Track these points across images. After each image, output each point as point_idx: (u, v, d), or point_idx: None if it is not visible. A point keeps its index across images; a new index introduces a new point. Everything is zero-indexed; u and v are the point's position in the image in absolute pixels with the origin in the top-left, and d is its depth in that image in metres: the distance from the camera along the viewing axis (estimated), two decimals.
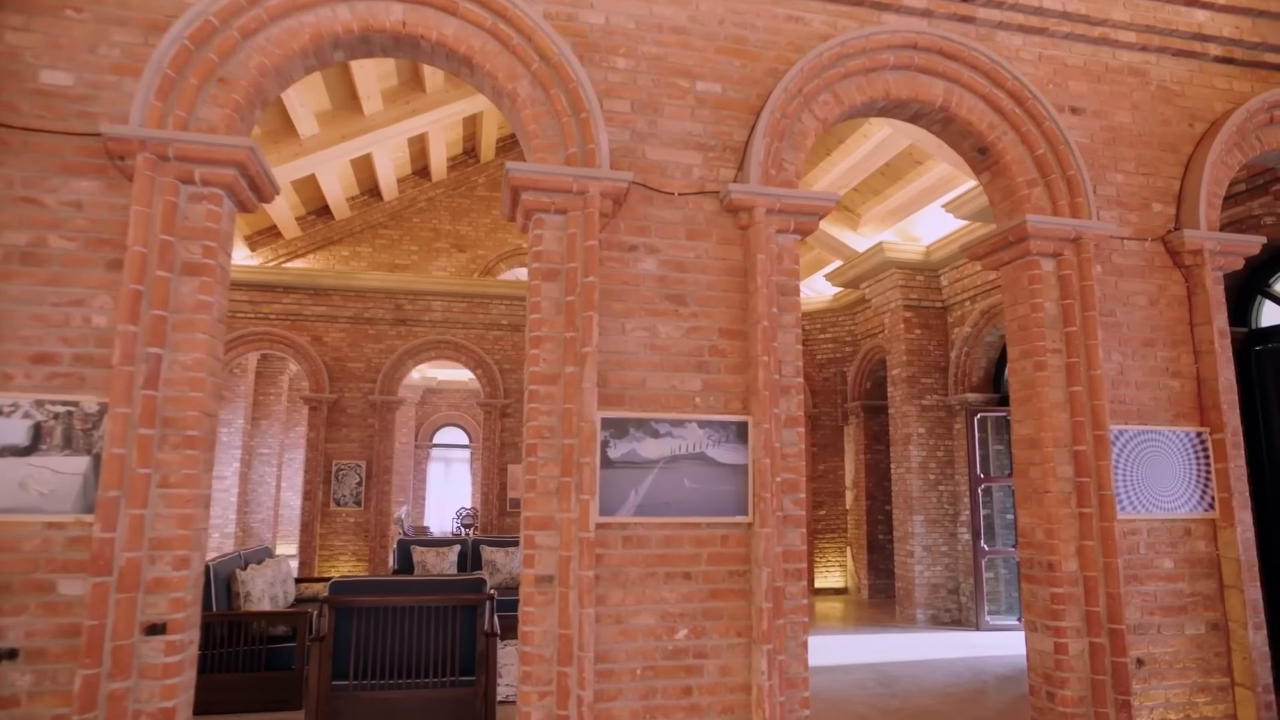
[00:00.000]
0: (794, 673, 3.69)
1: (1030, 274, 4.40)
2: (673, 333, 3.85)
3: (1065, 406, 4.29)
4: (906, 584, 10.29)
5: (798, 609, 3.74)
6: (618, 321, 3.80)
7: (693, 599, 3.67)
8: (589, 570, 3.49)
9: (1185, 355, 4.56)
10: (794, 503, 3.81)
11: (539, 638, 3.50)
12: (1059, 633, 4.09)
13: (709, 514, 3.71)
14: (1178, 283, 4.63)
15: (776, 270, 3.95)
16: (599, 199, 3.74)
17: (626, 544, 3.64)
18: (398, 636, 5.48)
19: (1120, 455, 4.29)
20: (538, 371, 3.68)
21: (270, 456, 17.35)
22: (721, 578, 3.72)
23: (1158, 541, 4.33)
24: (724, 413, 3.83)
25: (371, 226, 13.30)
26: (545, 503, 3.59)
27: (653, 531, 3.68)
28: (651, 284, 3.87)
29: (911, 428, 10.47)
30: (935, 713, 6.22)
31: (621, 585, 3.62)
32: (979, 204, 8.58)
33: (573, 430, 3.60)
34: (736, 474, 3.76)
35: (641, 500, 3.65)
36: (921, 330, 10.77)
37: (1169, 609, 4.29)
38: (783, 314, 3.94)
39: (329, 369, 12.35)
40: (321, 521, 12.26)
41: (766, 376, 3.77)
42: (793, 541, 3.78)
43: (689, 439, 3.73)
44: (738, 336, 3.91)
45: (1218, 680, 4.29)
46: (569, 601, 3.48)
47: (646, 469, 3.67)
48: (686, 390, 3.81)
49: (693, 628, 3.66)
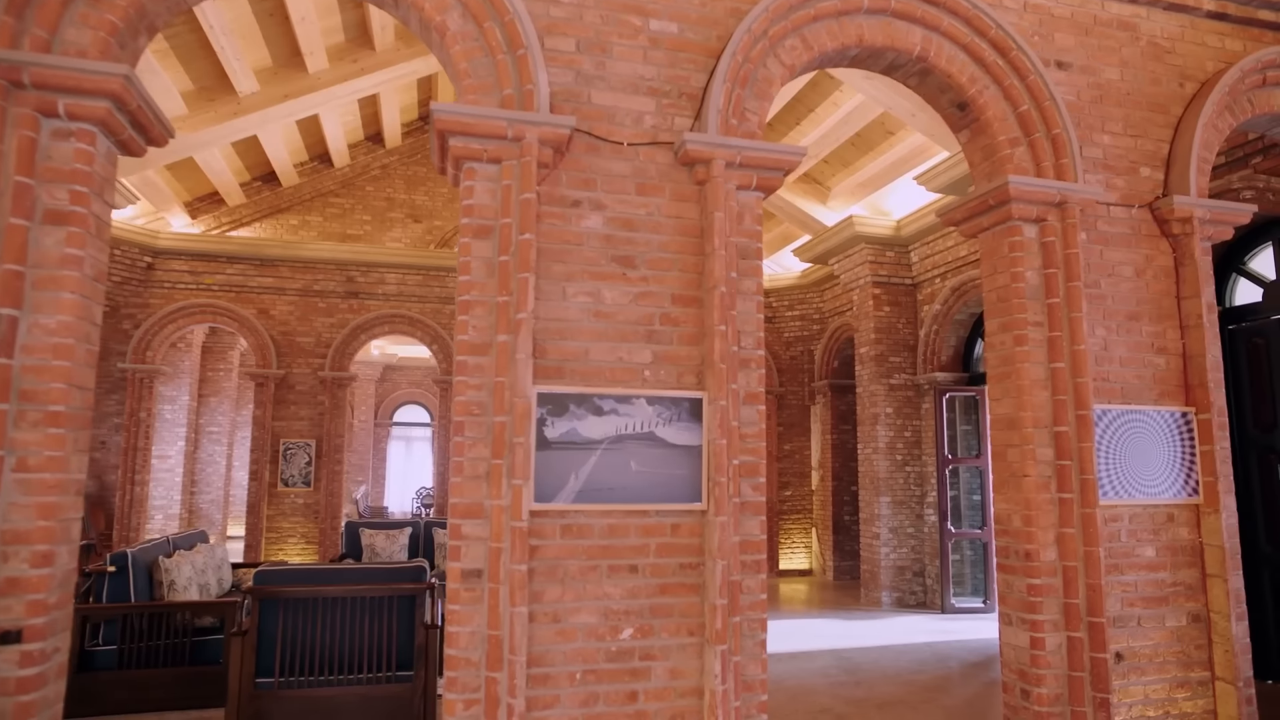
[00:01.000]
0: (751, 675, 3.35)
1: (1011, 241, 4.06)
2: (620, 298, 3.45)
3: (1046, 384, 3.97)
4: (872, 566, 10.08)
5: (755, 605, 3.39)
6: (558, 285, 3.39)
7: (639, 595, 3.31)
8: (522, 564, 3.10)
9: (1171, 330, 4.27)
10: (753, 488, 3.45)
11: (466, 639, 3.11)
12: (1036, 626, 3.80)
13: (658, 500, 3.34)
14: (1165, 253, 4.33)
15: (736, 230, 3.56)
16: (537, 146, 3.31)
17: (565, 534, 3.26)
18: (329, 629, 5.06)
19: (1103, 437, 3.99)
20: (466, 341, 3.26)
21: (220, 435, 16.69)
22: (672, 571, 3.35)
23: (1139, 528, 4.05)
24: (676, 388, 3.44)
25: (322, 195, 12.67)
26: (473, 488, 3.19)
27: (595, 520, 3.30)
28: (596, 244, 3.46)
29: (879, 407, 10.21)
30: (901, 703, 5.97)
31: (559, 580, 3.23)
32: (952, 176, 8.28)
33: (505, 407, 3.19)
34: (689, 456, 3.38)
35: (582, 485, 3.26)
36: (891, 308, 10.49)
37: (1150, 600, 4.02)
38: (743, 279, 3.56)
39: (276, 343, 11.77)
40: (269, 503, 11.75)
41: (724, 348, 3.39)
42: (751, 530, 3.43)
43: (637, 417, 3.35)
44: (693, 304, 3.52)
45: (1198, 674, 4.04)
46: (499, 599, 3.10)
47: (588, 450, 3.28)
48: (634, 363, 3.42)
49: (639, 626, 3.29)
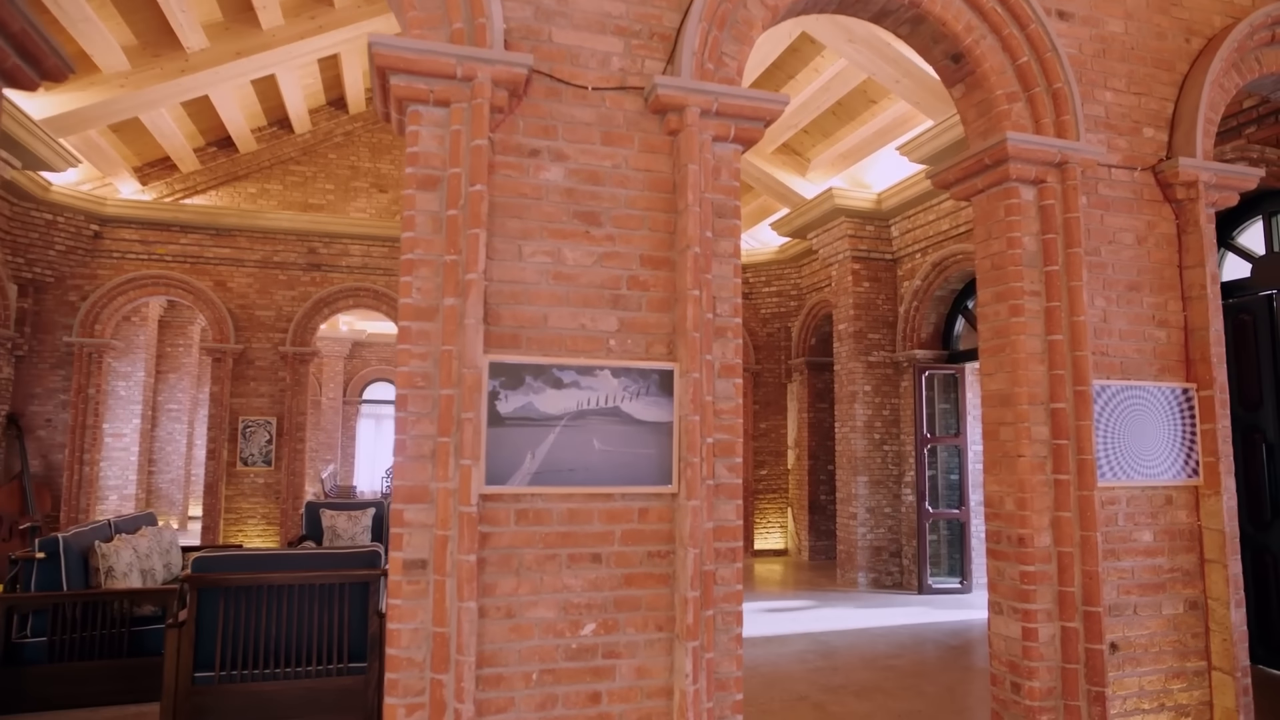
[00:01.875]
0: (725, 673, 3.07)
1: (1008, 204, 3.77)
2: (583, 259, 3.11)
3: (1043, 358, 3.70)
4: (848, 546, 9.90)
5: (730, 596, 3.10)
6: (513, 244, 3.04)
7: (603, 587, 3.00)
8: (471, 553, 2.78)
9: (1173, 302, 4.02)
10: (728, 469, 3.15)
11: (408, 637, 2.78)
12: (1028, 616, 3.55)
13: (624, 483, 3.03)
14: (1167, 219, 4.06)
15: (712, 186, 3.23)
16: (490, 88, 2.95)
17: (520, 520, 2.94)
18: (275, 619, 4.72)
19: (1101, 414, 3.74)
20: (410, 304, 2.91)
21: (180, 413, 16.14)
22: (639, 560, 3.05)
23: (1137, 512, 3.81)
24: (644, 358, 3.12)
25: (281, 162, 12.11)
26: (417, 469, 2.85)
27: (554, 504, 2.98)
28: (557, 198, 3.11)
29: (857, 385, 9.98)
30: (879, 689, 5.76)
31: (514, 571, 2.92)
32: (936, 146, 7.99)
33: (452, 378, 2.85)
34: (659, 434, 3.07)
35: (540, 466, 2.94)
36: (870, 283, 10.24)
37: (1146, 587, 3.79)
38: (719, 240, 3.23)
39: (234, 317, 11.28)
40: (228, 483, 11.31)
41: (697, 315, 3.06)
42: (726, 515, 3.13)
43: (600, 390, 3.02)
44: (663, 266, 3.19)
45: (1194, 664, 3.83)
46: (445, 592, 2.77)
47: (546, 427, 2.96)
48: (598, 330, 3.09)
49: (602, 621, 2.99)
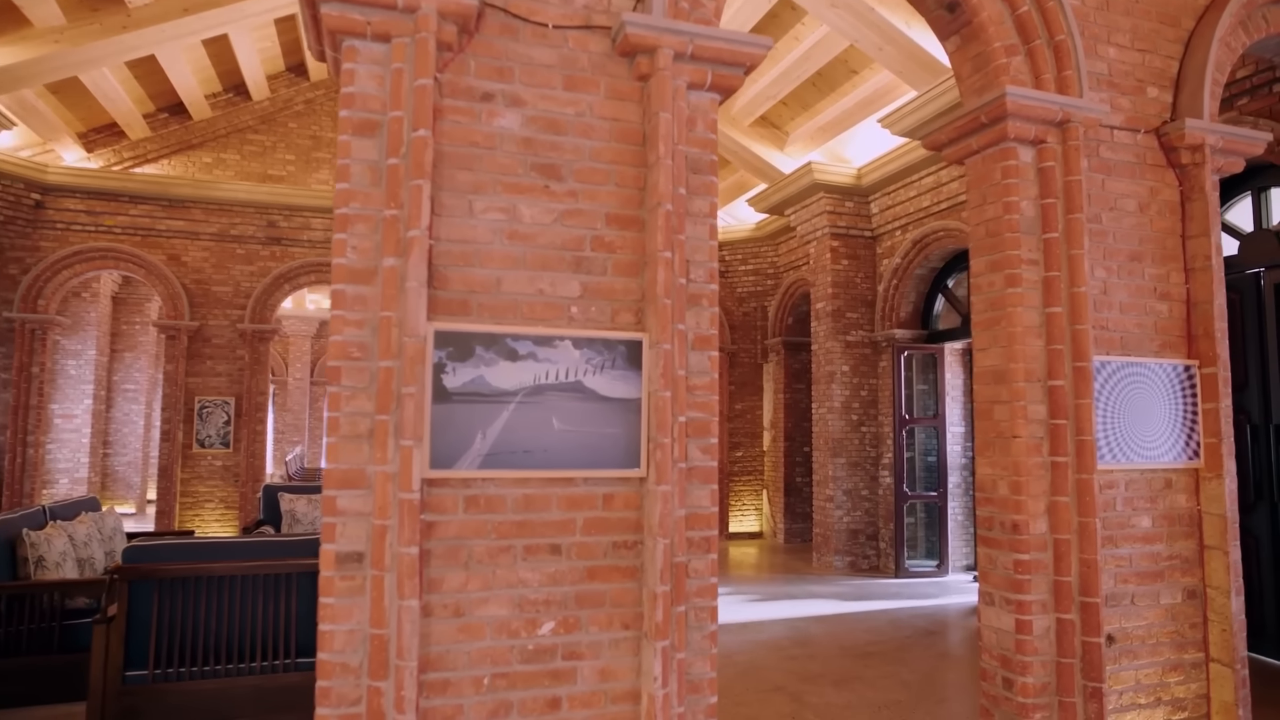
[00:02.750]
0: (698, 674, 2.79)
1: (1005, 165, 3.49)
2: (541, 217, 2.78)
3: (1041, 331, 3.45)
4: (825, 529, 9.71)
5: (704, 590, 2.82)
6: (463, 199, 2.70)
7: (563, 581, 2.70)
8: (413, 545, 2.46)
9: (1175, 274, 3.78)
10: (703, 450, 2.85)
11: (342, 640, 2.47)
12: (1022, 608, 3.32)
13: (587, 466, 2.72)
14: (1170, 186, 3.81)
15: (686, 137, 2.91)
16: (436, 21, 2.60)
17: (470, 507, 2.63)
18: (216, 612, 4.38)
19: (1100, 392, 3.50)
20: (345, 265, 2.57)
21: (137, 393, 15.57)
22: (603, 552, 2.75)
23: (1136, 496, 3.59)
24: (610, 328, 2.81)
25: (239, 130, 11.58)
26: (352, 450, 2.52)
27: (507, 490, 2.66)
28: (513, 148, 2.77)
29: (835, 365, 9.75)
30: (857, 678, 5.55)
31: (463, 564, 2.61)
32: (919, 118, 7.72)
33: (392, 348, 2.52)
34: (625, 412, 2.76)
35: (492, 447, 2.62)
36: (849, 261, 9.99)
37: (1144, 575, 3.58)
38: (693, 198, 2.92)
39: (189, 293, 10.78)
40: (183, 465, 10.85)
41: (669, 279, 2.75)
42: (700, 501, 2.84)
43: (560, 363, 2.71)
44: (632, 225, 2.87)
45: (1191, 656, 3.63)
46: (384, 589, 2.46)
47: (499, 404, 2.64)
48: (559, 296, 2.77)
49: (563, 619, 2.69)
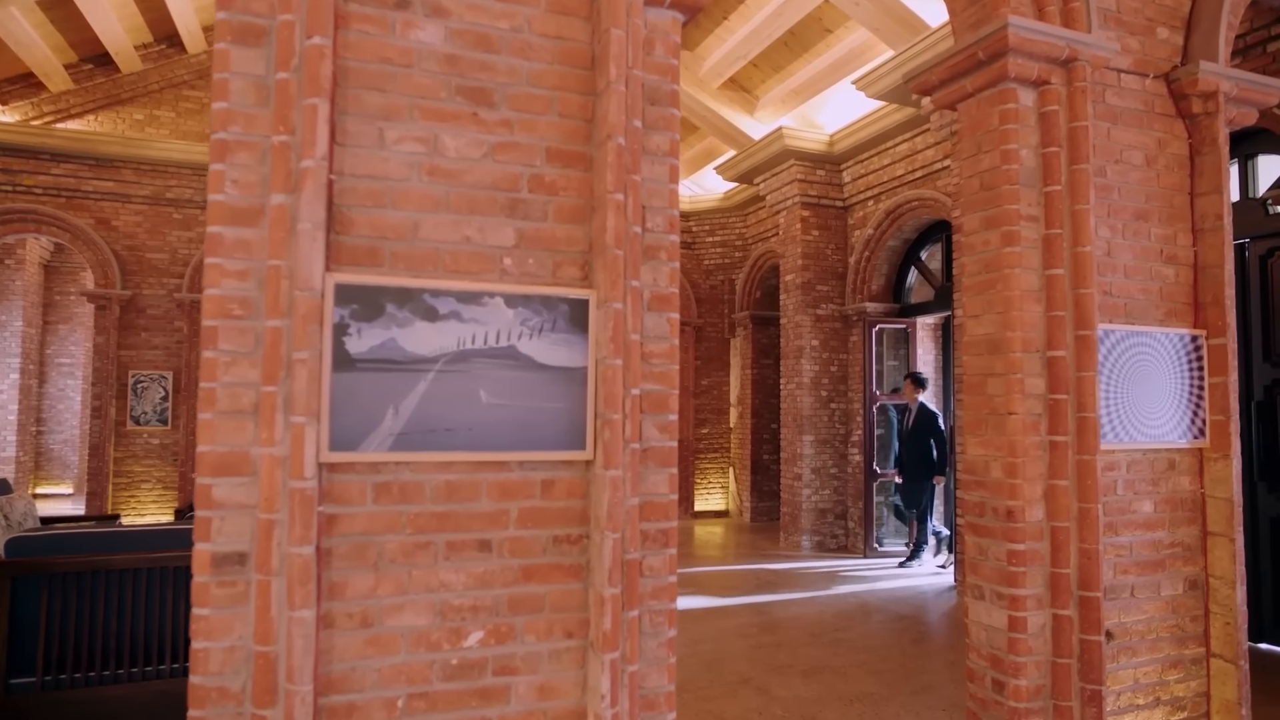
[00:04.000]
0: (653, 688, 2.40)
1: (1003, 109, 3.10)
2: (469, 150, 2.32)
3: (1040, 296, 3.08)
4: (793, 508, 9.42)
5: (661, 591, 2.42)
6: (372, 125, 2.24)
7: (493, 583, 2.28)
8: (307, 544, 2.02)
9: (1183, 235, 3.44)
10: (660, 428, 2.44)
11: (220, 660, 2.03)
12: (1016, 603, 2.98)
13: (522, 447, 2.29)
14: (1179, 138, 3.46)
15: (643, 61, 2.46)
16: None
17: (381, 497, 2.19)
18: (116, 611, 3.89)
19: (1102, 364, 3.15)
20: (224, 202, 2.09)
21: (73, 368, 14.75)
22: (542, 548, 2.33)
23: (1138, 479, 3.26)
24: (551, 283, 2.37)
25: (173, 85, 10.81)
26: (233, 429, 2.06)
27: (426, 476, 2.23)
28: (434, 67, 2.31)
29: (804, 340, 9.41)
30: (828, 668, 5.24)
31: (371, 565, 2.17)
32: (895, 79, 7.33)
33: (281, 305, 2.06)
34: (569, 383, 2.33)
35: (406, 424, 2.18)
36: (820, 231, 9.63)
37: (1145, 565, 3.26)
38: (651, 132, 2.48)
39: (121, 260, 10.07)
40: (116, 444, 10.20)
41: (620, 226, 2.32)
42: (657, 488, 2.43)
43: (490, 324, 2.27)
44: (578, 163, 2.43)
45: (1191, 651, 3.34)
46: (271, 598, 2.02)
47: (415, 373, 2.19)
48: (489, 245, 2.32)
49: (493, 628, 2.28)
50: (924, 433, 8.28)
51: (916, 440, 8.32)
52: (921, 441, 8.27)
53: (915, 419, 8.40)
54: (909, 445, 8.40)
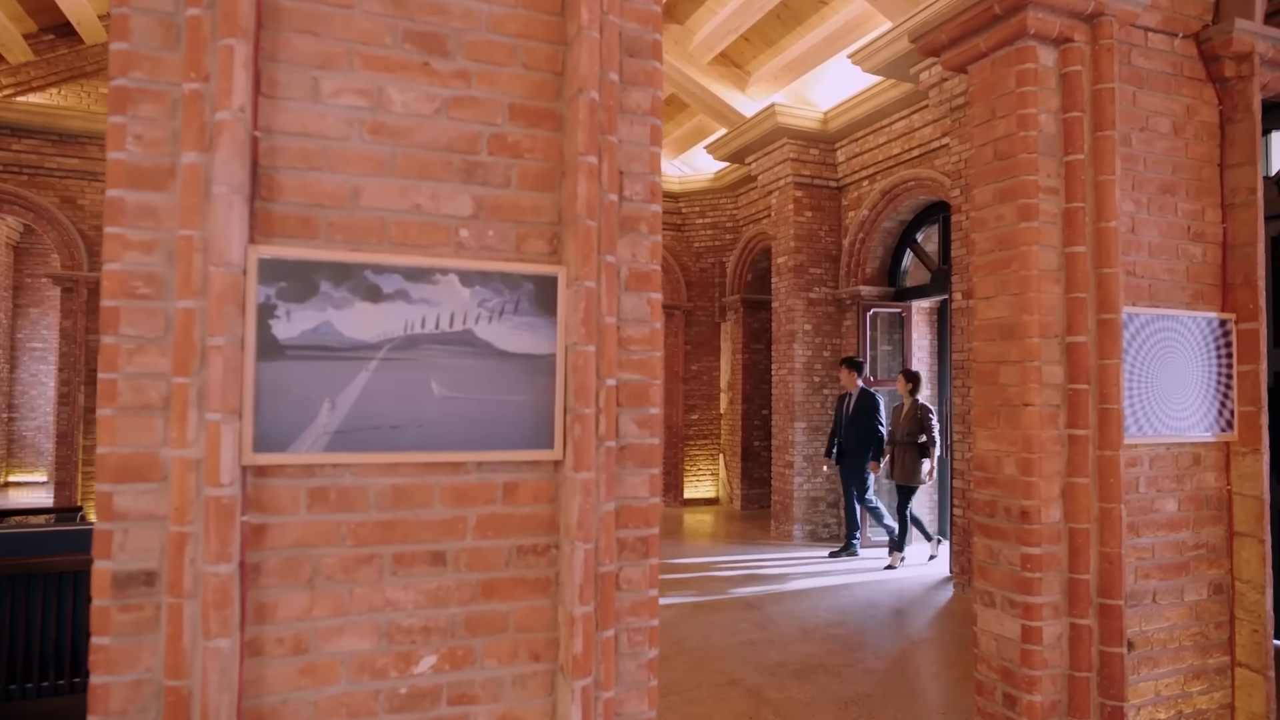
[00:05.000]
0: (631, 715, 2.13)
1: (1021, 70, 2.81)
2: (419, 105, 2.02)
3: (1059, 277, 2.81)
4: (784, 497, 9.17)
5: (640, 606, 2.15)
6: (305, 75, 1.93)
7: (449, 600, 2.00)
8: (225, 562, 1.73)
9: (1212, 210, 3.16)
10: (639, 424, 2.16)
11: (123, 698, 1.74)
12: (1030, 611, 2.72)
13: (481, 446, 2.01)
14: (1209, 104, 3.18)
15: (620, 6, 2.16)
16: None
17: (317, 504, 1.90)
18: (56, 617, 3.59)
19: (1125, 351, 2.88)
20: (125, 161, 1.78)
21: (46, 352, 14.33)
22: (504, 560, 2.05)
23: (1161, 475, 3.01)
24: (514, 259, 2.07)
25: None
26: (139, 428, 1.77)
27: (370, 480, 1.94)
28: (379, 9, 1.99)
29: (797, 324, 9.14)
30: (821, 667, 5.00)
31: (305, 583, 1.89)
32: (893, 53, 7.02)
33: (194, 282, 1.76)
34: (534, 372, 2.05)
35: (345, 421, 1.89)
36: (813, 212, 9.33)
37: (1168, 568, 3.01)
38: (629, 88, 2.18)
39: (88, 240, 9.67)
40: (85, 431, 9.84)
41: (593, 193, 2.02)
42: (636, 491, 2.15)
43: (443, 305, 1.97)
44: (545, 121, 2.13)
45: (1216, 661, 3.10)
46: (184, 624, 1.73)
47: (356, 361, 1.90)
48: (443, 215, 2.02)
49: (448, 651, 2.00)
50: (865, 419, 7.98)
51: (856, 426, 8.00)
52: (861, 428, 7.97)
53: (855, 405, 8.10)
54: (848, 431, 8.08)
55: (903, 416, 7.93)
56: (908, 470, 7.80)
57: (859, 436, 8.01)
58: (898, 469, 7.89)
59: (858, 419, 8.03)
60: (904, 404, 8.00)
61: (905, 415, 7.89)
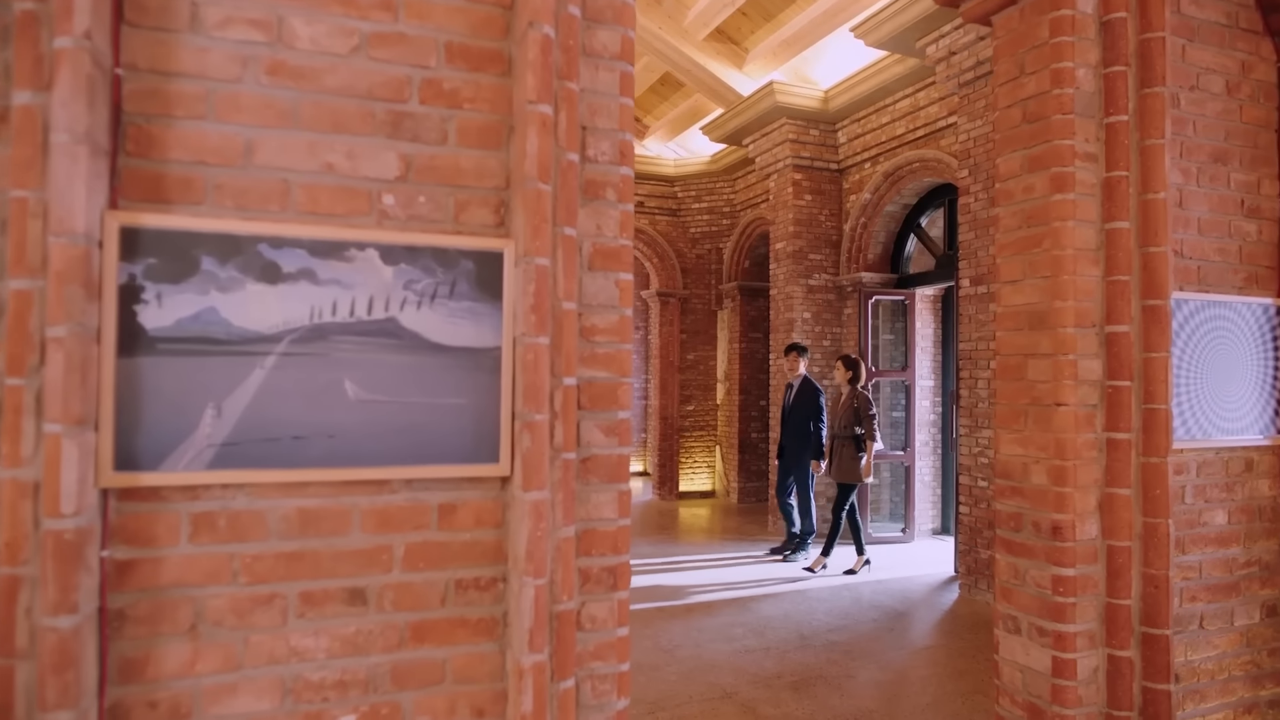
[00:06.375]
0: None
1: (1056, 17, 2.43)
2: (333, 42, 1.64)
3: (1098, 257, 2.43)
4: None
5: (607, 649, 1.78)
6: (182, 0, 1.55)
7: (370, 647, 1.64)
8: (67, 615, 1.37)
9: (1268, 182, 2.78)
10: (606, 430, 1.79)
11: None
12: (1063, 641, 2.37)
13: (409, 459, 1.64)
14: (1267, 60, 2.79)
15: None
16: None
17: (201, 534, 1.53)
18: None
19: (1173, 342, 2.51)
20: None
21: None
22: (439, 597, 1.69)
23: (1209, 483, 2.65)
24: (451, 231, 1.70)
25: None
26: None
27: (269, 502, 1.57)
28: None
29: (796, 312, 8.77)
30: (820, 678, 4.67)
31: (185, 631, 1.52)
32: (898, 25, 6.64)
33: (29, 258, 1.39)
34: (475, 370, 1.67)
35: (234, 431, 1.52)
36: (813, 196, 8.95)
37: (1216, 589, 2.66)
38: (594, 26, 1.80)
39: None
40: None
41: (546, 151, 1.65)
42: (600, 512, 1.79)
43: (361, 287, 1.60)
44: (491, 64, 1.75)
45: (1269, 693, 2.75)
46: (16, 692, 1.37)
47: (248, 357, 1.53)
48: (362, 177, 1.65)
49: (370, 710, 1.64)
50: (806, 410, 7.43)
51: (797, 418, 7.47)
52: (802, 420, 7.43)
53: (795, 396, 7.54)
54: (787, 423, 7.53)
55: (839, 407, 7.28)
56: (844, 467, 7.12)
57: (797, 429, 7.46)
58: (835, 465, 7.22)
59: (798, 410, 7.48)
60: (842, 394, 7.35)
61: (842, 406, 7.23)
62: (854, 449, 7.08)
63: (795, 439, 7.48)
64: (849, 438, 7.11)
